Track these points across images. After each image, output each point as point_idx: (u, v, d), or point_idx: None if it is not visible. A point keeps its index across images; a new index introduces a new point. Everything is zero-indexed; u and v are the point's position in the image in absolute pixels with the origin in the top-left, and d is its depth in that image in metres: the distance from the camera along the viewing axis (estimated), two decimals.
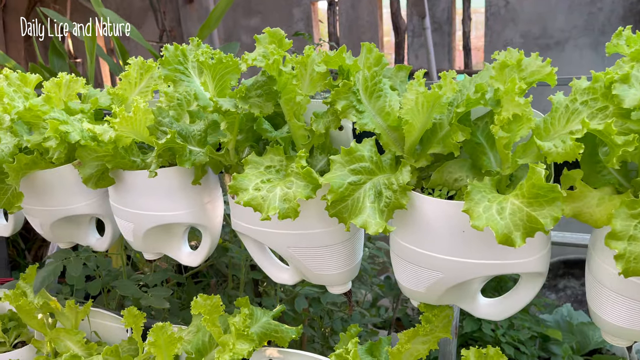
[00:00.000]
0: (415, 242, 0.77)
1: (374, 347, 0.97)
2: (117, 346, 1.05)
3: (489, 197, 0.66)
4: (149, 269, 1.47)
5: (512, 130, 0.66)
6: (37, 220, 1.16)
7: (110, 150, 0.89)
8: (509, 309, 0.83)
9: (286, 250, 0.89)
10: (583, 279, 3.11)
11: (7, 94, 0.95)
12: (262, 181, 0.76)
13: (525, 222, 0.62)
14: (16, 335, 1.37)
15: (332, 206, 0.72)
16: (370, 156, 0.74)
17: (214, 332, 0.93)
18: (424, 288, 0.81)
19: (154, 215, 0.98)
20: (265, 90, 0.77)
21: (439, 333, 0.86)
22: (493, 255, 0.73)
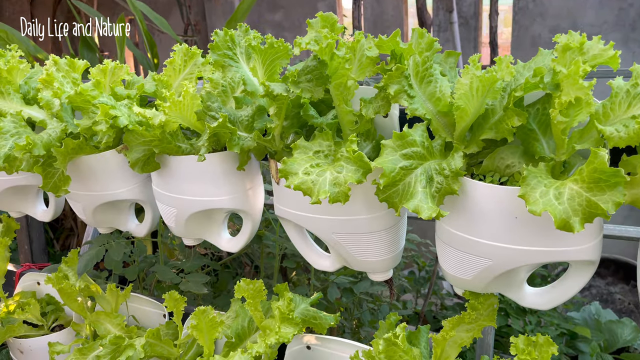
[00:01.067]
0: (465, 228, 0.77)
1: (413, 335, 0.97)
2: (159, 329, 1.06)
3: (545, 182, 0.65)
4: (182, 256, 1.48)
5: (570, 115, 0.65)
6: (80, 205, 1.18)
7: (157, 135, 0.90)
8: (557, 299, 0.82)
9: (330, 236, 0.89)
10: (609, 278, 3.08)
11: (56, 79, 0.97)
12: (311, 165, 0.77)
13: (585, 208, 0.62)
14: (54, 319, 1.40)
15: (382, 191, 0.72)
16: (422, 141, 0.74)
17: (256, 316, 0.94)
18: (471, 275, 0.80)
19: (197, 200, 0.99)
20: (316, 75, 0.78)
21: (483, 321, 0.86)
22: (545, 243, 0.72)
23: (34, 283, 1.47)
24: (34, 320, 1.36)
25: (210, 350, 0.99)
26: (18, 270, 1.50)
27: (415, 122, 0.77)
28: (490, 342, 1.18)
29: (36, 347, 1.31)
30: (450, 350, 0.86)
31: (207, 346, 0.99)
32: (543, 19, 3.56)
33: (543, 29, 3.57)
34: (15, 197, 1.34)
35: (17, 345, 1.33)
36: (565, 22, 3.57)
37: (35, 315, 1.33)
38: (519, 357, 0.72)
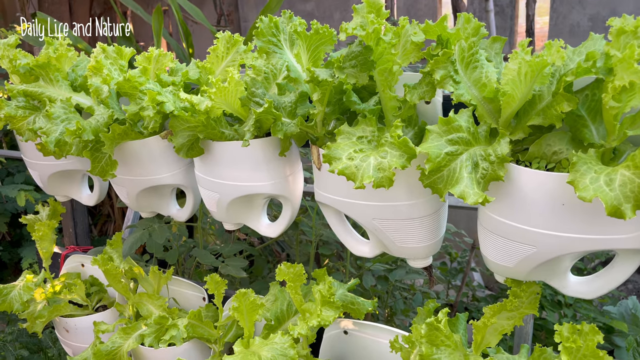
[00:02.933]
0: (509, 215, 0.76)
1: (451, 323, 0.97)
2: (200, 311, 1.09)
3: (595, 168, 0.65)
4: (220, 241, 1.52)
5: (623, 100, 0.64)
6: (125, 190, 1.21)
7: (202, 121, 0.93)
8: (602, 288, 0.81)
9: (371, 222, 0.90)
10: None
11: (105, 66, 1.00)
12: (354, 151, 0.77)
13: (637, 194, 0.61)
14: (98, 300, 1.45)
15: (427, 176, 0.72)
16: (468, 127, 0.74)
17: (295, 299, 0.95)
18: (514, 263, 0.80)
19: (239, 185, 1.01)
20: (360, 61, 0.78)
21: (525, 309, 0.86)
22: (592, 230, 0.71)
23: (78, 265, 1.52)
24: (79, 301, 1.42)
25: (251, 332, 1.01)
26: (63, 252, 1.56)
27: (459, 108, 0.77)
28: (529, 331, 1.18)
29: (81, 326, 1.36)
30: (490, 337, 0.86)
31: (247, 328, 1.01)
32: (582, 7, 3.46)
33: (582, 17, 3.47)
34: (62, 182, 1.39)
35: (63, 324, 1.39)
36: (605, 10, 3.46)
37: (80, 295, 1.38)
38: (563, 344, 0.72)
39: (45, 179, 1.36)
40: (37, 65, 1.14)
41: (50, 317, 1.36)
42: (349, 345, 1.10)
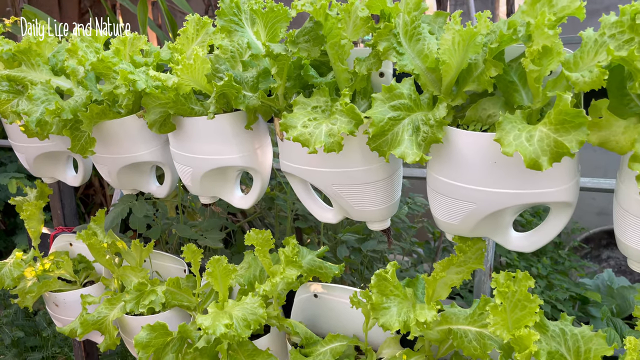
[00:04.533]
0: (450, 175, 0.83)
1: (411, 282, 1.04)
2: (178, 278, 1.16)
3: (519, 127, 0.72)
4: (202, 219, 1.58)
5: (543, 64, 0.71)
6: (106, 168, 1.28)
7: (172, 97, 0.99)
8: (539, 241, 0.88)
9: (330, 188, 0.96)
10: None
11: (80, 48, 1.06)
12: (309, 119, 0.84)
13: (553, 147, 0.68)
14: (85, 276, 1.52)
15: (372, 140, 0.79)
16: (409, 94, 0.81)
17: (264, 262, 1.02)
18: (459, 220, 0.87)
19: (210, 159, 1.08)
20: (313, 36, 0.85)
21: (472, 264, 0.93)
22: (524, 185, 0.78)
23: (66, 244, 1.59)
24: (67, 277, 1.49)
25: (225, 295, 1.08)
26: (52, 232, 1.63)
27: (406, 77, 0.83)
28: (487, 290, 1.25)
29: (70, 300, 1.43)
30: (441, 291, 0.93)
31: (221, 292, 1.08)
32: None
33: None
34: (48, 164, 1.45)
35: (53, 299, 1.46)
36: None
37: (68, 271, 1.45)
38: (497, 289, 0.79)
39: (32, 161, 1.43)
40: (18, 51, 1.20)
41: (39, 292, 1.43)
42: (319, 307, 1.18)
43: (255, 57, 0.95)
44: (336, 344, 1.04)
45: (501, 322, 0.80)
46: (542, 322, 0.85)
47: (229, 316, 0.97)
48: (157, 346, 1.09)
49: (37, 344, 2.28)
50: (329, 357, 1.02)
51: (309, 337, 1.08)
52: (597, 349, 0.81)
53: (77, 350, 1.78)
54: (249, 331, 0.97)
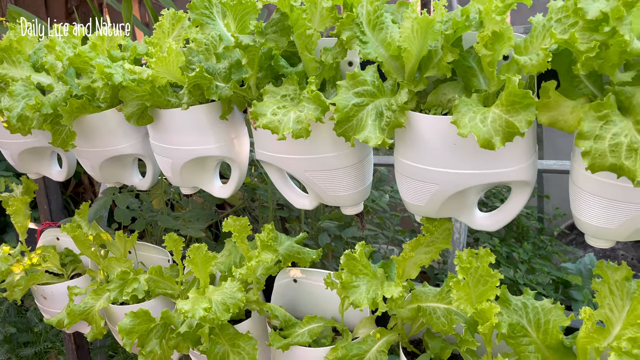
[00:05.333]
0: (414, 158, 0.87)
1: (386, 265, 1.08)
2: (161, 266, 1.19)
3: (474, 109, 0.75)
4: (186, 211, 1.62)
5: (495, 49, 0.74)
6: (88, 162, 1.31)
7: (148, 90, 1.02)
8: (502, 220, 0.92)
9: (303, 174, 1.00)
10: None
11: (58, 43, 1.09)
12: (278, 107, 0.87)
13: (504, 128, 0.72)
14: (73, 269, 1.55)
15: (338, 125, 0.82)
16: (373, 81, 0.84)
17: (242, 248, 1.06)
18: (424, 202, 0.91)
19: (188, 149, 1.11)
20: (280, 27, 0.88)
21: (440, 244, 0.96)
22: (482, 165, 0.82)
23: (53, 239, 1.62)
24: (54, 270, 1.52)
25: (206, 282, 1.12)
26: (39, 227, 1.66)
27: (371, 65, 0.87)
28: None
29: (57, 292, 1.46)
30: (410, 270, 0.97)
31: (202, 279, 1.11)
32: None
33: None
34: (32, 159, 1.48)
35: (41, 291, 1.49)
36: None
37: (55, 264, 1.48)
38: (460, 265, 0.83)
39: (16, 157, 1.45)
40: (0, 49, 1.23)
41: (27, 286, 1.46)
42: (298, 292, 1.21)
43: (227, 48, 0.98)
44: (313, 325, 1.08)
45: (465, 297, 0.84)
46: (505, 297, 0.89)
47: (208, 300, 1.01)
48: (141, 332, 1.12)
49: (29, 339, 2.31)
50: (306, 338, 1.06)
51: (288, 319, 1.12)
52: (555, 319, 0.85)
53: (67, 343, 1.81)
54: (228, 314, 1.00)
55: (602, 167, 0.68)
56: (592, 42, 0.66)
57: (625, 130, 0.67)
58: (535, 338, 0.86)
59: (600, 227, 0.80)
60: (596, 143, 0.68)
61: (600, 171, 0.68)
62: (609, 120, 0.68)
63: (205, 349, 1.09)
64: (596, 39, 0.67)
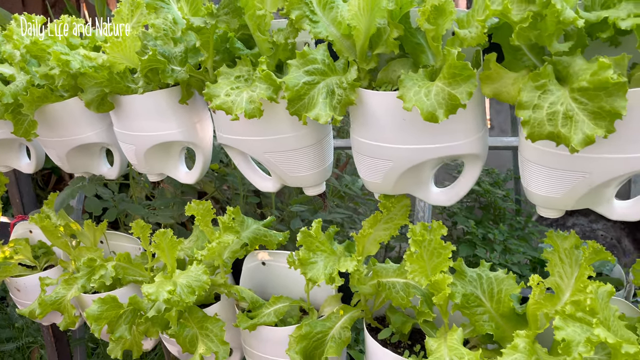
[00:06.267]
0: (367, 135, 0.88)
1: (350, 245, 1.09)
2: (129, 253, 1.20)
3: (419, 84, 0.77)
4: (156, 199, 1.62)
5: (438, 23, 0.76)
6: (54, 152, 1.31)
7: (106, 76, 1.02)
8: (457, 195, 0.94)
9: (263, 156, 1.01)
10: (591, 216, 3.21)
11: (16, 32, 1.08)
12: (231, 88, 0.88)
13: (447, 100, 0.73)
14: (45, 261, 1.55)
15: (291, 104, 0.83)
16: (323, 59, 0.85)
17: (206, 231, 1.07)
18: (380, 179, 0.92)
19: (150, 135, 1.11)
20: (231, 8, 0.88)
21: (398, 220, 0.98)
22: (432, 140, 0.83)
23: (26, 231, 1.62)
24: (27, 262, 1.52)
25: (173, 266, 1.12)
26: (12, 221, 1.65)
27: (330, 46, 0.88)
28: None
29: (30, 284, 1.46)
30: (370, 247, 0.99)
31: (169, 263, 1.12)
32: None
33: None
34: (0, 152, 1.47)
35: (14, 284, 1.49)
36: None
37: (27, 256, 1.48)
38: (412, 238, 0.84)
39: None
40: None
41: (0, 278, 1.46)
42: (267, 275, 1.23)
43: (183, 32, 0.98)
44: (279, 305, 1.09)
45: (419, 270, 0.86)
46: (461, 269, 0.90)
47: (173, 284, 1.02)
48: (110, 318, 1.13)
49: (11, 335, 2.31)
50: (272, 318, 1.07)
51: (255, 301, 1.13)
52: (507, 288, 0.87)
53: (46, 336, 1.81)
54: (193, 297, 1.01)
55: (541, 136, 0.69)
56: (526, 12, 0.68)
57: (561, 99, 0.68)
58: (490, 307, 0.88)
59: (547, 196, 0.82)
60: (534, 112, 0.70)
61: (539, 140, 0.70)
62: (547, 89, 0.69)
63: (174, 332, 1.10)
64: (531, 10, 0.68)
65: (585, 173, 0.75)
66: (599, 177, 0.75)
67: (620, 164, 0.73)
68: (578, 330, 0.71)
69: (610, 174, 0.74)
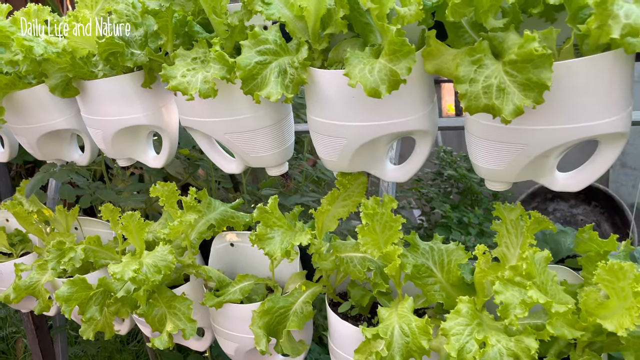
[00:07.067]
0: (321, 114, 0.91)
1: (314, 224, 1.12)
2: (99, 236, 1.23)
3: (364, 61, 0.79)
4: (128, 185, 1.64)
5: (381, 2, 0.78)
6: (25, 139, 1.33)
7: (69, 61, 1.04)
8: (409, 171, 0.97)
9: (224, 137, 1.03)
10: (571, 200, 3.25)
11: None
12: (187, 69, 0.91)
13: (389, 76, 0.76)
14: (22, 248, 1.57)
15: (245, 84, 0.86)
16: (275, 40, 0.88)
17: (171, 212, 1.09)
18: (336, 156, 0.95)
19: (116, 120, 1.13)
20: None
21: (356, 197, 1.01)
22: (382, 117, 0.86)
23: (3, 220, 1.63)
24: (3, 250, 1.53)
25: (142, 248, 1.15)
26: None
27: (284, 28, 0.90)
28: None
29: (6, 271, 1.48)
30: (329, 223, 1.02)
31: (138, 245, 1.15)
32: None
33: None
34: None
35: None
36: None
37: (3, 244, 1.50)
38: (364, 212, 0.88)
39: None
40: None
41: None
42: (235, 256, 1.26)
43: (142, 16, 1.00)
44: (245, 283, 1.12)
45: (372, 242, 0.89)
46: (414, 242, 0.94)
47: (139, 263, 1.04)
48: (80, 300, 1.15)
49: None
50: (238, 295, 1.10)
51: (222, 280, 1.16)
52: (456, 259, 0.90)
53: (26, 323, 1.83)
54: (159, 275, 1.04)
55: (477, 109, 0.73)
56: None
57: (495, 72, 0.71)
58: (440, 278, 0.91)
59: (492, 169, 0.85)
60: (471, 86, 0.73)
61: (476, 112, 0.73)
62: (482, 64, 0.72)
63: (143, 311, 1.13)
64: None
65: (523, 145, 0.78)
66: (537, 148, 0.78)
67: (556, 135, 0.76)
68: (516, 294, 0.75)
69: (547, 145, 0.77)
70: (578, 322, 0.77)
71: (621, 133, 0.76)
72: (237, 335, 1.13)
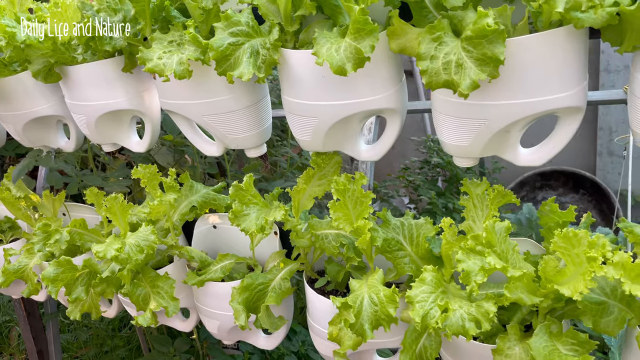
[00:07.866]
0: (294, 94, 0.94)
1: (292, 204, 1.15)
2: (84, 219, 1.26)
3: (332, 40, 0.82)
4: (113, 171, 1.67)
5: None
6: (12, 127, 1.35)
7: (50, 47, 1.07)
8: (381, 150, 1.00)
9: (202, 119, 1.06)
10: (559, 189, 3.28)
11: None
12: (164, 52, 0.94)
13: (355, 55, 0.79)
14: (11, 235, 1.60)
15: (218, 65, 0.89)
16: (247, 22, 0.90)
17: (153, 193, 1.13)
18: (309, 136, 0.98)
19: (98, 104, 1.16)
20: None
21: (331, 177, 1.04)
22: (352, 95, 0.89)
23: None
24: None
25: (126, 229, 1.18)
26: None
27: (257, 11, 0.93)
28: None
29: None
30: (305, 202, 1.05)
31: (122, 227, 1.18)
32: None
33: None
34: None
35: None
36: None
37: None
38: (335, 188, 0.91)
39: None
40: None
41: None
42: (218, 236, 1.29)
43: (121, 1, 1.03)
44: (225, 262, 1.16)
45: (343, 217, 0.92)
46: (385, 218, 0.97)
47: (122, 242, 1.07)
48: (66, 280, 1.18)
49: None
50: (219, 274, 1.14)
51: (204, 260, 1.19)
52: (424, 233, 0.94)
53: (18, 310, 1.86)
54: (141, 255, 1.07)
55: (438, 84, 0.76)
56: None
57: (454, 49, 0.74)
58: (410, 251, 0.95)
59: (457, 145, 0.88)
60: (432, 63, 0.76)
61: (437, 88, 0.76)
62: (442, 41, 0.76)
63: (127, 290, 1.16)
64: None
65: (484, 120, 0.82)
66: (498, 123, 0.81)
67: (515, 110, 0.79)
68: (477, 262, 0.78)
69: (507, 120, 0.81)
70: (538, 289, 0.81)
71: (577, 107, 0.79)
72: (218, 313, 1.17)
